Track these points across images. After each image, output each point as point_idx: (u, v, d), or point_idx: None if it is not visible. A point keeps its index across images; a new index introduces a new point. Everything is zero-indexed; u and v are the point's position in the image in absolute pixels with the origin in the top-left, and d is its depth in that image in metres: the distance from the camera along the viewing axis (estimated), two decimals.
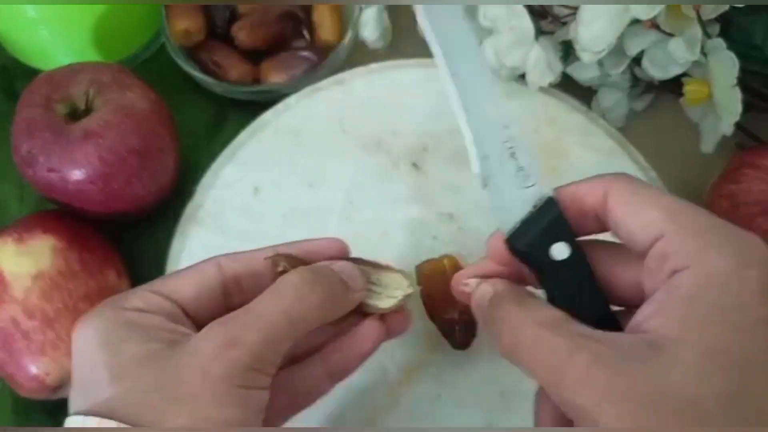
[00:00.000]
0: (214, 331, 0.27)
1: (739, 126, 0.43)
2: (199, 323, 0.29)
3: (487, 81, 0.27)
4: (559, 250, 0.26)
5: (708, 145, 0.45)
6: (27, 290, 0.37)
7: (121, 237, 0.44)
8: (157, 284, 0.30)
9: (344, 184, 0.44)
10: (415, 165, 0.45)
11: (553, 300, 0.26)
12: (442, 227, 0.42)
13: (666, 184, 0.44)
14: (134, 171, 0.40)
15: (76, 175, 0.39)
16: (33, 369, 0.37)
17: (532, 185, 0.27)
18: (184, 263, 0.41)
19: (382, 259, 0.34)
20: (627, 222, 0.25)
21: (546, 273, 0.26)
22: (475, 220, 0.42)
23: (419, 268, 0.40)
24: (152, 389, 0.25)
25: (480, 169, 0.27)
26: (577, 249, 0.26)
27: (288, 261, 0.31)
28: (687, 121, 0.47)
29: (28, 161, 0.40)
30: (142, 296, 0.29)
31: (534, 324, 0.24)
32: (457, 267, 0.39)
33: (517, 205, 0.27)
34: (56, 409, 0.41)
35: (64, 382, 0.38)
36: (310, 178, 0.44)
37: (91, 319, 0.28)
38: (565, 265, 0.26)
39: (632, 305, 0.25)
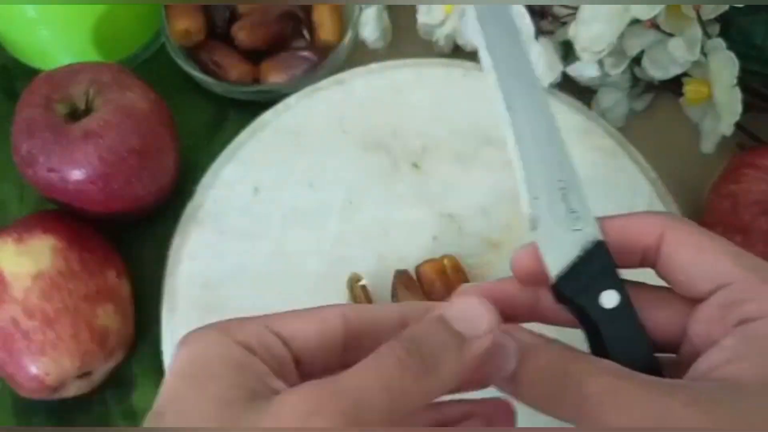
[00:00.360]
0: (300, 396, 0.22)
1: (739, 126, 0.43)
2: (310, 375, 0.25)
3: (546, 122, 0.27)
4: (609, 298, 0.25)
5: (708, 145, 0.45)
6: (27, 290, 0.37)
7: (121, 237, 0.44)
8: (279, 322, 0.25)
9: (344, 184, 0.44)
10: (415, 165, 0.45)
11: (597, 347, 0.26)
12: (442, 227, 0.42)
13: (666, 184, 0.44)
14: (134, 171, 0.40)
15: (76, 175, 0.39)
16: (33, 369, 0.37)
17: (581, 228, 0.26)
18: (184, 263, 0.41)
19: None
20: (688, 267, 0.24)
21: (594, 320, 0.25)
22: (475, 220, 0.42)
23: (419, 268, 0.40)
24: None
25: (530, 210, 0.26)
26: (624, 295, 0.25)
27: None
28: (687, 121, 0.47)
29: (28, 161, 0.40)
30: (258, 333, 0.24)
31: (604, 374, 0.23)
32: (457, 267, 0.40)
33: (566, 249, 0.26)
34: (56, 409, 0.41)
35: (64, 382, 0.38)
36: (310, 178, 0.44)
37: (195, 341, 0.24)
38: (614, 312, 0.25)
39: (665, 350, 0.26)
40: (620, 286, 0.25)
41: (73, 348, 0.37)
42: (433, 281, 0.39)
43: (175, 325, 0.40)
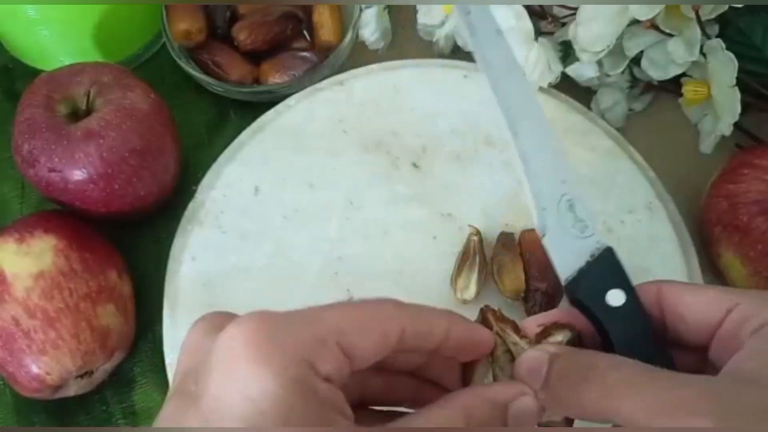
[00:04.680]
0: None
1: (738, 126, 0.43)
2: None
3: (547, 139, 0.29)
4: (615, 297, 0.27)
5: (707, 145, 0.45)
6: (28, 290, 0.37)
7: (123, 237, 0.44)
8: (345, 334, 0.24)
9: (344, 184, 0.44)
10: (415, 165, 0.45)
11: (609, 348, 0.27)
12: (442, 227, 0.43)
13: (665, 184, 0.44)
14: (135, 171, 0.40)
15: (77, 175, 0.39)
16: (34, 368, 0.37)
17: (590, 235, 0.28)
18: (185, 263, 0.41)
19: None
20: (694, 306, 0.26)
21: (602, 320, 0.27)
22: (475, 220, 0.42)
23: (524, 234, 0.41)
24: None
25: (538, 221, 0.28)
26: (633, 296, 0.27)
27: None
28: (686, 121, 0.47)
29: (29, 161, 0.40)
30: (333, 357, 0.23)
31: (623, 366, 0.24)
32: None
33: (575, 255, 0.28)
34: (57, 409, 0.41)
35: (64, 382, 0.38)
36: (310, 178, 0.44)
37: (274, 364, 0.22)
38: (621, 311, 0.27)
39: (693, 346, 0.27)
40: (627, 285, 0.27)
41: (74, 347, 0.37)
42: (533, 250, 0.40)
43: (176, 325, 0.40)
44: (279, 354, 0.22)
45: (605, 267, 0.27)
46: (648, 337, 0.27)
